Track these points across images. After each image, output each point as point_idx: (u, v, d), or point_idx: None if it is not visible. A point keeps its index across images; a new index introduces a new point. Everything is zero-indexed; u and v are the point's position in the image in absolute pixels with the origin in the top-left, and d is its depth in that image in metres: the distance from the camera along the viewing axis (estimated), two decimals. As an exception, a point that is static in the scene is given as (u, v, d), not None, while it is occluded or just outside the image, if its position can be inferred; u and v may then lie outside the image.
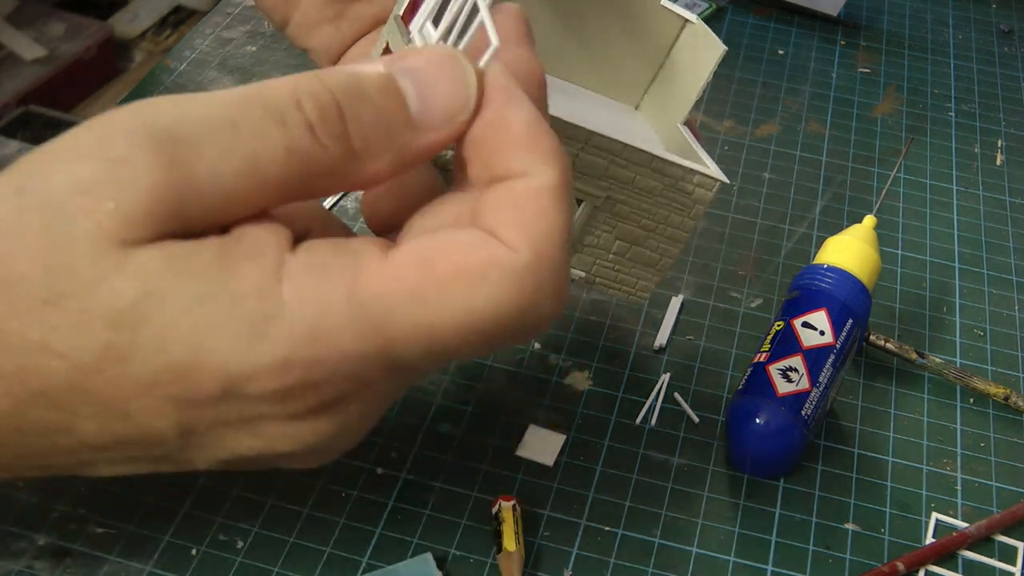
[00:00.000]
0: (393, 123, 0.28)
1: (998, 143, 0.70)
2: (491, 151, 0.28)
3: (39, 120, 1.35)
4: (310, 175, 0.27)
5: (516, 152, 0.28)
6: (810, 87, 0.74)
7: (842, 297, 0.49)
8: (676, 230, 0.41)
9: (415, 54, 0.29)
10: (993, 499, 0.47)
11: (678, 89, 0.44)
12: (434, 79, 0.28)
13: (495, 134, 0.28)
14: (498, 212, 0.27)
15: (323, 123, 0.27)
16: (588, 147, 0.37)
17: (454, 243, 0.27)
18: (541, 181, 0.27)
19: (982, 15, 0.83)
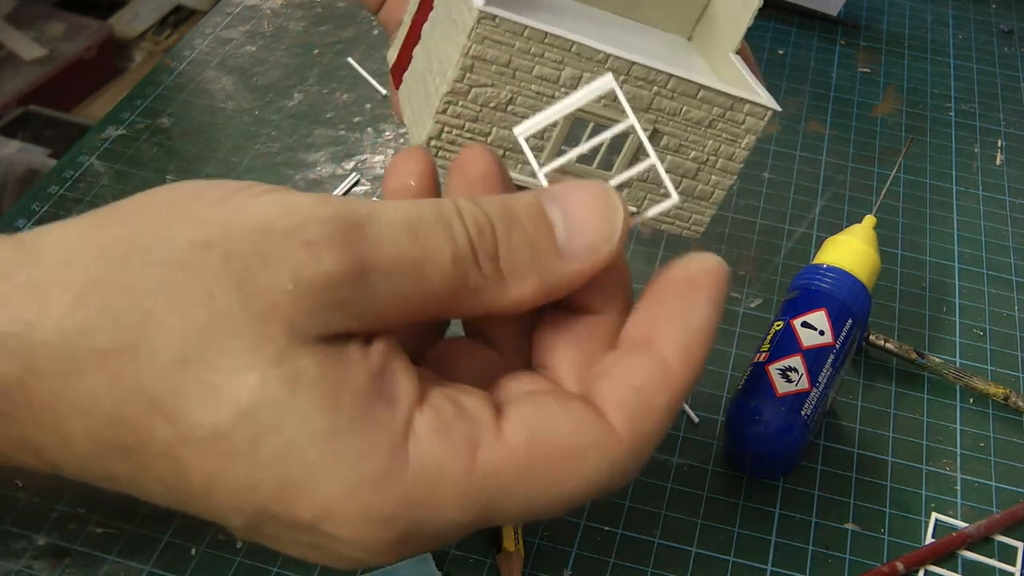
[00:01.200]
0: (540, 249, 0.28)
1: (998, 143, 0.70)
2: (649, 314, 0.29)
3: (39, 120, 1.35)
4: (462, 290, 0.27)
5: (667, 331, 0.28)
6: (810, 87, 0.74)
7: (842, 297, 0.49)
8: (728, 161, 0.40)
9: (567, 186, 0.29)
10: (993, 499, 0.47)
11: (728, 17, 0.43)
12: (582, 211, 0.28)
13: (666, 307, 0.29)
14: (614, 389, 0.28)
15: (480, 239, 0.27)
16: (630, 78, 0.37)
17: (563, 422, 0.27)
18: (669, 371, 0.28)
19: (982, 15, 0.83)
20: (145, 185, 0.60)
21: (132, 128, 0.64)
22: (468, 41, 0.35)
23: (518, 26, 0.35)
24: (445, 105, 0.36)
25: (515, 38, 0.35)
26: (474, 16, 0.34)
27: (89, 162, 0.61)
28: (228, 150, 0.63)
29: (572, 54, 0.36)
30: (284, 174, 0.62)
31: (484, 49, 0.35)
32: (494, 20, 0.35)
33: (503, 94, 0.36)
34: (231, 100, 0.67)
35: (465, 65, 0.35)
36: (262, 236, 0.25)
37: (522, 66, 0.36)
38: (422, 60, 0.39)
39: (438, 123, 0.36)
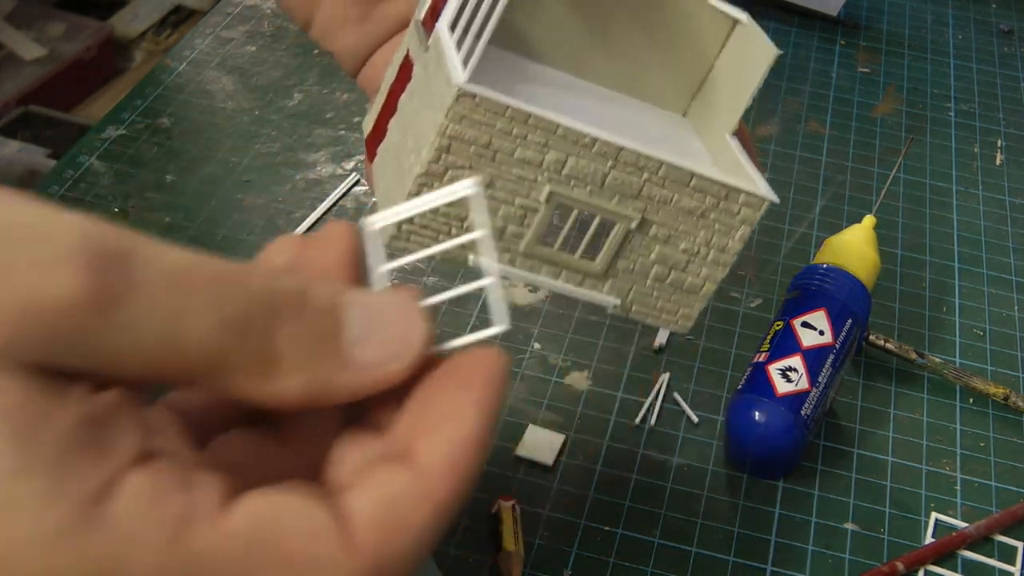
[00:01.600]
0: (321, 349, 0.24)
1: (998, 143, 0.70)
2: (413, 418, 0.25)
3: (39, 120, 1.35)
4: (220, 366, 0.24)
5: (429, 440, 0.25)
6: (810, 87, 0.74)
7: (842, 297, 0.49)
8: (720, 253, 0.38)
9: (378, 292, 0.26)
10: (993, 499, 0.47)
11: (727, 95, 0.41)
12: (381, 321, 0.25)
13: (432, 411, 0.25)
14: (366, 500, 0.24)
15: (259, 315, 0.24)
16: (619, 163, 0.34)
17: (297, 525, 0.24)
18: (428, 484, 0.24)
19: (982, 15, 0.83)
20: (145, 185, 0.61)
21: (132, 128, 0.64)
22: (445, 120, 0.32)
23: (500, 106, 0.32)
24: (418, 187, 0.33)
25: (496, 118, 0.32)
26: (453, 93, 0.31)
27: (89, 162, 0.61)
28: (228, 150, 0.63)
29: (557, 136, 0.33)
30: (284, 174, 0.62)
31: (462, 129, 0.32)
32: (474, 99, 0.31)
33: (482, 178, 0.33)
34: (231, 100, 0.67)
35: (441, 145, 0.32)
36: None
37: (503, 148, 0.33)
38: (397, 134, 0.36)
39: None
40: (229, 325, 0.23)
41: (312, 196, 0.60)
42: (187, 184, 0.60)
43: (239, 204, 0.59)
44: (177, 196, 0.60)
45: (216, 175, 0.61)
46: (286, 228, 0.58)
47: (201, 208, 0.59)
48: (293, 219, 0.59)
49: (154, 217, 0.58)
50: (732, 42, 0.41)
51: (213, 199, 0.60)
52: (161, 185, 0.60)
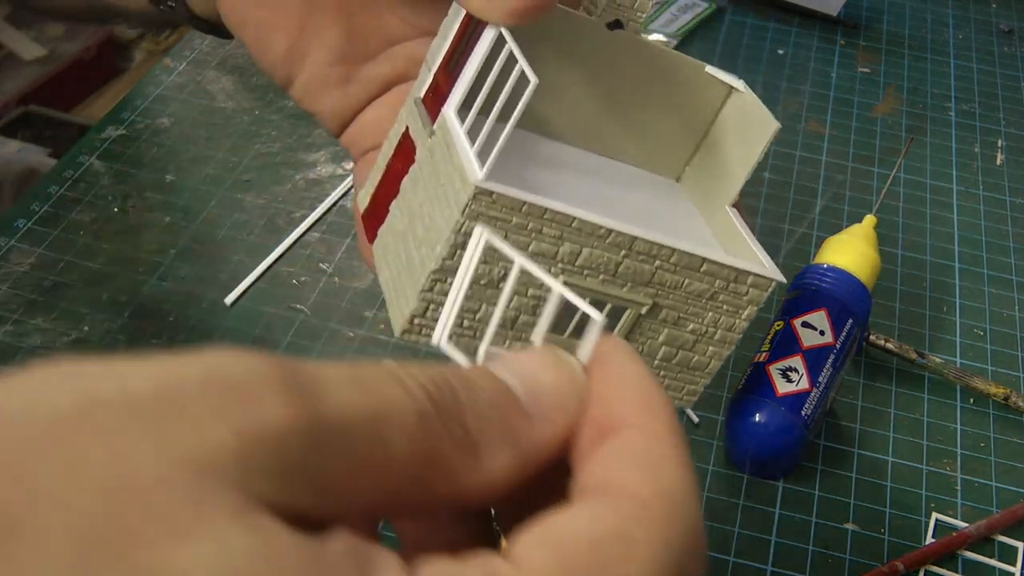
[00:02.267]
0: (507, 412, 0.24)
1: (998, 143, 0.70)
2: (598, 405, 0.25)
3: (39, 120, 1.35)
4: (433, 464, 0.22)
5: (624, 402, 0.25)
6: (810, 87, 0.74)
7: (842, 297, 0.49)
8: (727, 332, 0.38)
9: (508, 353, 0.26)
10: (993, 499, 0.47)
11: (723, 164, 0.41)
12: (536, 370, 0.25)
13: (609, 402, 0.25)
14: (612, 464, 0.24)
15: (441, 398, 0.23)
16: (632, 252, 0.34)
17: (577, 520, 0.23)
18: (658, 427, 0.24)
19: (982, 15, 0.83)
20: (145, 185, 0.61)
21: (132, 128, 0.64)
22: (461, 217, 0.31)
23: (516, 202, 0.31)
24: (432, 283, 0.32)
25: (512, 213, 0.32)
26: (469, 191, 0.31)
27: (89, 162, 0.61)
28: (228, 150, 0.63)
29: (572, 229, 0.33)
30: (284, 174, 0.62)
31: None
32: (491, 196, 0.31)
33: (496, 270, 0.33)
34: (231, 100, 0.67)
35: (456, 242, 0.32)
36: (176, 384, 0.20)
37: (518, 242, 0.32)
38: (402, 219, 0.36)
39: (423, 300, 0.33)
40: (424, 411, 0.22)
41: (312, 196, 0.60)
42: (187, 184, 0.60)
43: (239, 204, 0.59)
44: (177, 196, 0.60)
45: (216, 175, 0.61)
46: (286, 228, 0.58)
47: (201, 208, 0.59)
48: (293, 219, 0.59)
49: (154, 217, 0.58)
50: (729, 108, 0.41)
51: (213, 199, 0.59)
52: (161, 185, 0.60)
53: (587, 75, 0.40)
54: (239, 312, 0.53)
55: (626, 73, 0.40)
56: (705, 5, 0.80)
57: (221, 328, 0.52)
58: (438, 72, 0.36)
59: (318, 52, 0.41)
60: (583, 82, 0.40)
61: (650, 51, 0.39)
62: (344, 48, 0.41)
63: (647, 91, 0.40)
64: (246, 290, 0.54)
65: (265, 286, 0.54)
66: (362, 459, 0.21)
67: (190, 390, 0.20)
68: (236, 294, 0.54)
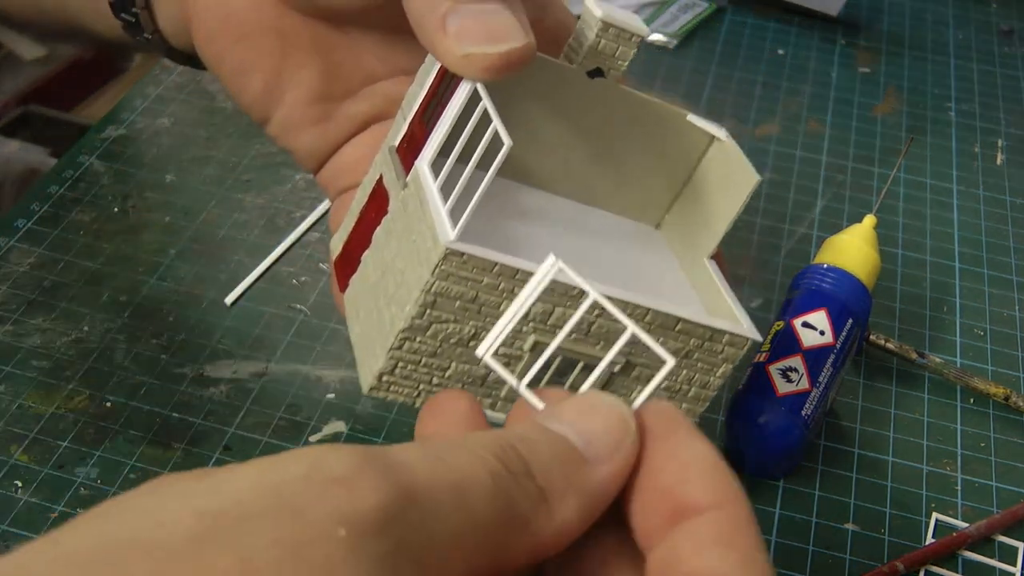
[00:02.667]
0: (568, 462, 0.25)
1: (998, 143, 0.70)
2: (672, 482, 0.26)
3: (39, 120, 1.35)
4: (511, 521, 0.24)
5: (701, 482, 0.25)
6: (810, 87, 0.74)
7: (842, 297, 0.49)
8: (701, 390, 0.38)
9: (552, 405, 0.27)
10: (993, 499, 0.47)
11: (704, 213, 0.40)
12: (583, 416, 0.26)
13: (677, 466, 0.26)
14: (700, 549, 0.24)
15: (508, 460, 0.24)
16: (605, 312, 0.32)
17: None
18: (741, 513, 0.25)
19: (982, 15, 0.83)
20: (145, 185, 0.61)
21: (132, 128, 0.64)
22: (431, 277, 0.31)
23: (488, 263, 0.31)
24: (401, 341, 0.32)
25: (484, 274, 0.31)
26: (440, 252, 0.30)
27: (89, 162, 0.61)
28: (228, 150, 0.63)
29: (545, 289, 0.31)
30: (284, 174, 0.62)
31: (448, 285, 0.31)
32: (462, 256, 0.31)
33: (466, 329, 0.32)
34: (231, 100, 0.67)
35: (426, 301, 0.31)
36: (278, 486, 0.21)
37: (489, 301, 0.32)
38: (374, 271, 0.35)
39: (392, 358, 0.33)
40: (498, 473, 0.24)
41: (312, 196, 0.60)
42: (187, 184, 0.60)
43: (239, 204, 0.59)
44: (177, 196, 0.60)
45: (216, 175, 0.61)
46: (286, 228, 0.58)
47: (201, 208, 0.59)
48: (293, 219, 0.59)
49: (154, 217, 0.58)
50: (711, 156, 0.40)
51: (213, 199, 0.59)
52: (161, 185, 0.60)
53: (567, 123, 0.39)
54: (239, 312, 0.53)
55: (607, 121, 0.39)
56: (705, 5, 0.80)
57: (221, 328, 0.52)
58: (413, 122, 0.35)
59: (295, 91, 0.40)
60: (563, 130, 0.39)
61: (631, 99, 0.38)
62: (321, 87, 0.41)
63: (628, 139, 0.40)
64: (246, 290, 0.54)
65: (265, 286, 0.54)
66: (455, 533, 0.22)
67: (298, 489, 0.21)
68: (236, 294, 0.54)
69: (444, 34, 0.32)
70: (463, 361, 0.34)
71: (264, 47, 0.40)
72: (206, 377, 0.49)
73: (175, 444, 0.46)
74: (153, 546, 0.20)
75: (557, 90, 0.38)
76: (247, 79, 0.41)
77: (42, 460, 0.45)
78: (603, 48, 0.36)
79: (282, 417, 0.48)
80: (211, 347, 0.51)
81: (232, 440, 0.47)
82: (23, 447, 0.46)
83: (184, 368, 0.50)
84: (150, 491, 0.21)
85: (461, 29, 0.31)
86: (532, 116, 0.38)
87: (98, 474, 0.45)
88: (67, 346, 0.50)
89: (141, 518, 0.20)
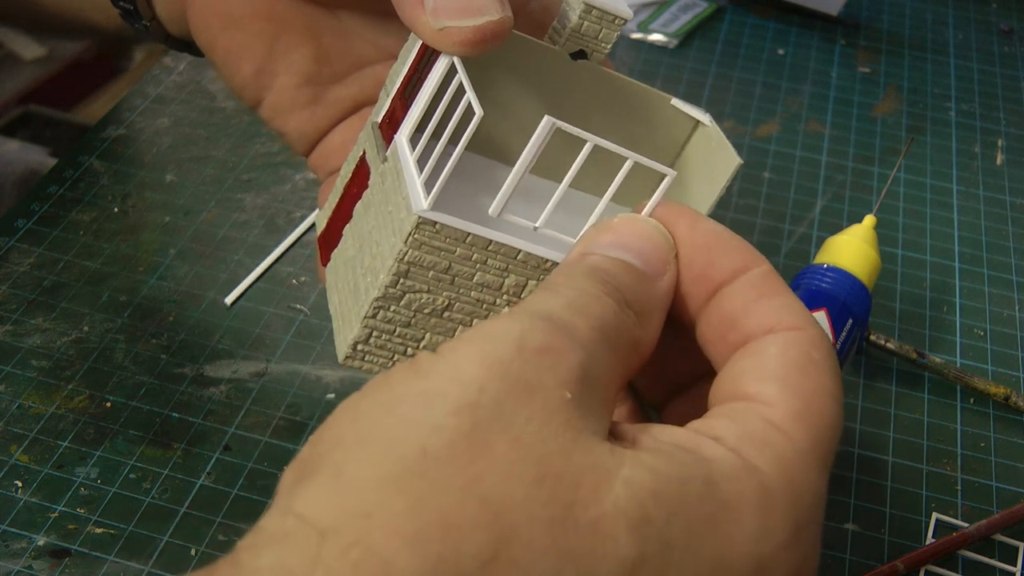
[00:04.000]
0: (641, 282, 0.29)
1: (998, 143, 0.70)
2: (705, 263, 0.30)
3: (39, 120, 1.35)
4: (630, 346, 0.28)
5: (730, 255, 0.30)
6: (810, 87, 0.74)
7: (842, 297, 0.49)
8: None
9: (593, 234, 0.31)
10: (993, 499, 0.47)
11: (687, 198, 0.40)
12: (635, 239, 0.30)
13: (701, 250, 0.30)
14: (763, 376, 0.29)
15: (613, 293, 0.28)
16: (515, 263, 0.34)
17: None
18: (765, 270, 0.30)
19: (982, 15, 0.83)
20: (145, 185, 0.61)
21: (132, 128, 0.64)
22: (404, 246, 0.31)
23: (461, 232, 0.31)
24: (375, 310, 0.32)
25: (456, 244, 0.32)
26: (412, 221, 0.31)
27: (89, 162, 0.61)
28: (228, 150, 0.63)
29: (518, 262, 0.33)
30: (284, 174, 0.62)
31: (421, 255, 0.31)
32: (435, 226, 0.31)
33: (440, 300, 0.33)
34: (231, 100, 0.67)
35: (400, 271, 0.32)
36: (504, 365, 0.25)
37: (462, 272, 0.32)
38: (352, 244, 0.35)
39: (366, 327, 0.33)
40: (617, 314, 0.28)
41: (312, 196, 0.60)
42: (187, 184, 0.60)
43: (239, 204, 0.59)
44: (177, 196, 0.60)
45: (216, 175, 0.61)
46: (286, 228, 0.58)
47: (201, 208, 0.59)
48: (293, 219, 0.59)
49: (154, 217, 0.58)
50: (695, 142, 0.40)
51: (213, 199, 0.59)
52: (161, 185, 0.60)
53: (550, 105, 0.39)
54: (239, 312, 0.53)
55: (590, 104, 0.39)
56: (705, 5, 0.80)
57: (221, 328, 0.52)
58: (395, 98, 0.36)
59: (286, 74, 0.41)
60: (545, 111, 0.38)
61: (614, 82, 0.38)
62: (312, 70, 0.41)
63: (611, 123, 0.39)
64: (246, 290, 0.54)
65: (265, 286, 0.54)
66: (606, 363, 0.27)
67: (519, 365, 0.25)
68: (236, 294, 0.54)
69: (422, 9, 0.32)
70: (437, 332, 0.34)
71: (255, 31, 0.41)
72: (206, 377, 0.49)
73: (175, 444, 0.46)
74: (435, 457, 0.23)
75: (540, 72, 0.38)
76: (238, 63, 0.41)
77: (42, 460, 0.45)
78: (586, 30, 0.36)
79: (282, 417, 0.48)
80: (211, 347, 0.51)
81: (232, 440, 0.47)
82: (23, 447, 0.46)
83: (184, 368, 0.50)
84: (389, 405, 0.25)
85: (438, 4, 0.32)
86: (515, 97, 0.38)
87: (98, 474, 0.45)
88: (67, 346, 0.50)
89: (411, 431, 0.23)
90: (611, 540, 0.23)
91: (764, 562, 0.25)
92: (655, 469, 0.24)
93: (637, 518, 0.23)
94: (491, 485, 0.22)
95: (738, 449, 0.26)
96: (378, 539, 0.21)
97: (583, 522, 0.23)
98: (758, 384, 0.28)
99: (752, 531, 0.25)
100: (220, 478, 0.45)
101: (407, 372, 0.25)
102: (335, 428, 0.25)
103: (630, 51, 0.76)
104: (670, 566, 0.24)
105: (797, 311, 0.29)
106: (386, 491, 0.22)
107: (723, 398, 0.29)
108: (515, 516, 0.22)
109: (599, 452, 0.24)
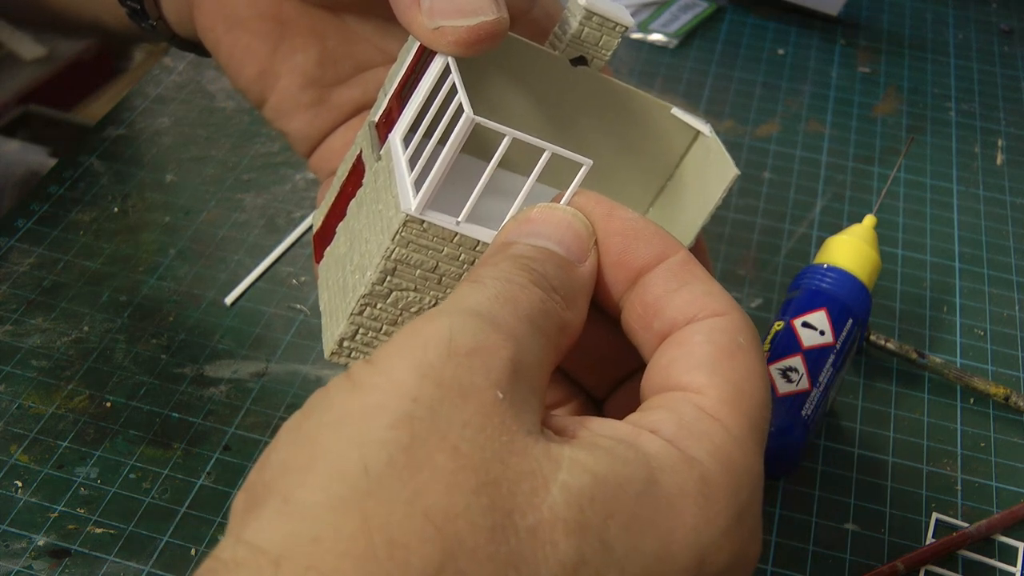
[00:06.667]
0: (565, 267, 0.30)
1: (998, 143, 0.70)
2: (622, 250, 0.31)
3: (39, 120, 1.35)
4: (559, 329, 0.29)
5: (647, 242, 0.31)
6: (810, 87, 0.74)
7: (842, 297, 0.49)
8: None
9: (518, 224, 0.31)
10: (993, 499, 0.47)
11: (686, 207, 0.40)
12: (557, 228, 0.30)
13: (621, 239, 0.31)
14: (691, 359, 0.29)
15: (539, 281, 0.29)
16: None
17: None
18: (683, 256, 0.31)
19: (982, 15, 0.83)
20: (145, 185, 0.61)
21: (132, 128, 0.64)
22: (392, 244, 0.31)
23: (448, 232, 0.32)
24: (362, 307, 0.33)
25: (444, 243, 0.32)
26: (400, 219, 0.31)
27: (89, 162, 0.61)
28: (228, 150, 0.63)
29: None
30: (284, 174, 0.62)
31: (408, 253, 0.32)
32: (422, 224, 0.31)
33: (426, 299, 0.33)
34: (231, 100, 0.67)
35: (387, 268, 0.32)
36: (435, 371, 0.25)
37: (449, 272, 0.32)
38: (344, 242, 0.35)
39: (353, 324, 0.33)
40: (544, 300, 0.29)
41: (312, 196, 0.60)
42: (187, 184, 0.60)
43: (239, 204, 0.59)
44: (177, 196, 0.60)
45: (216, 175, 0.61)
46: (286, 228, 0.58)
47: (201, 208, 0.59)
48: (293, 219, 0.59)
49: (154, 217, 0.58)
50: (696, 151, 0.40)
51: (213, 199, 0.59)
52: (161, 185, 0.60)
53: (548, 110, 0.39)
54: (239, 312, 0.53)
55: (589, 111, 0.39)
56: (705, 5, 0.80)
57: (221, 328, 0.52)
58: (392, 97, 0.36)
59: (289, 76, 0.41)
60: (544, 117, 0.39)
61: (615, 90, 0.38)
62: (315, 73, 0.41)
63: (610, 130, 0.39)
64: (246, 290, 0.54)
65: (265, 286, 0.54)
66: (537, 349, 0.27)
67: (450, 370, 0.25)
68: (236, 294, 0.54)
69: (417, 9, 0.32)
70: None
71: (260, 32, 0.41)
72: (206, 377, 0.49)
73: (175, 444, 0.46)
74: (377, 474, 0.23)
75: (540, 77, 0.38)
76: (243, 64, 0.41)
77: (42, 460, 0.45)
78: (586, 36, 0.37)
79: (282, 417, 0.48)
80: (211, 347, 0.51)
81: (232, 440, 0.47)
82: (23, 447, 0.46)
83: (184, 368, 0.50)
84: (330, 425, 0.24)
85: (433, 3, 0.32)
86: (514, 101, 0.38)
87: (98, 474, 0.45)
88: (67, 346, 0.50)
89: (353, 450, 0.23)
90: (550, 544, 0.23)
91: (707, 550, 0.25)
92: (592, 471, 0.25)
93: (574, 522, 0.24)
94: (433, 497, 0.23)
95: (676, 441, 0.27)
96: (330, 562, 0.22)
97: (523, 528, 0.23)
98: (689, 373, 0.28)
99: (694, 523, 0.25)
100: (220, 478, 0.45)
101: (344, 386, 0.25)
102: (281, 451, 0.25)
103: (630, 51, 0.76)
104: (611, 565, 0.24)
105: (718, 296, 0.30)
106: (334, 514, 0.22)
107: (656, 388, 0.29)
108: (458, 526, 0.23)
109: (535, 455, 0.24)
